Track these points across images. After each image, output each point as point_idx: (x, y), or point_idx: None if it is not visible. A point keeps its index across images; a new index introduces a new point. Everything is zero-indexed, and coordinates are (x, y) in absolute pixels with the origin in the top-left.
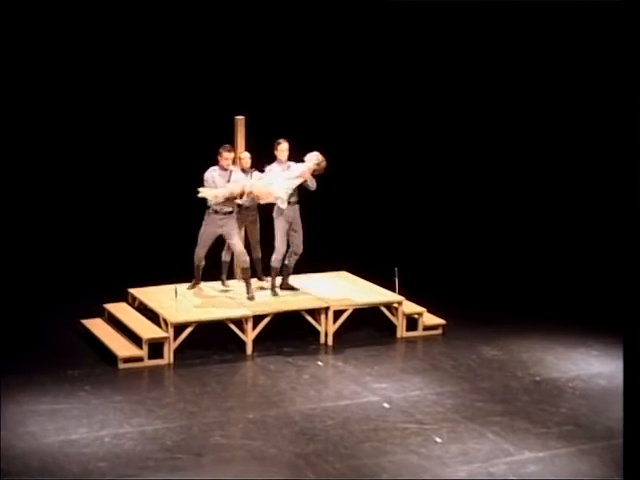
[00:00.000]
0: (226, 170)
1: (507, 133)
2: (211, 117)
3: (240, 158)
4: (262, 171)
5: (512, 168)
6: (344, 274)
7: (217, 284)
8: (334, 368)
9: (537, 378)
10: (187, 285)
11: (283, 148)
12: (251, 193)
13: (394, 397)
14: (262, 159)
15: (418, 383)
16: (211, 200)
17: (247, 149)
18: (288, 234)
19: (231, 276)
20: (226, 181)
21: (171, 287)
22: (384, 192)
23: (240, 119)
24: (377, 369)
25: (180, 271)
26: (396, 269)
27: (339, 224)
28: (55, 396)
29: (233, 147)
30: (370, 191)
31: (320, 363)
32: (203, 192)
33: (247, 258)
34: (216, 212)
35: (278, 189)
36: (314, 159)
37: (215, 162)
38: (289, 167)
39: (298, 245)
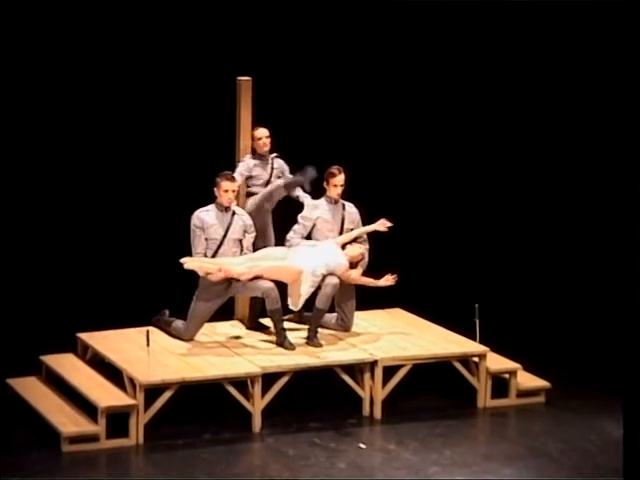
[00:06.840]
0: (227, 210)
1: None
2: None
3: (254, 138)
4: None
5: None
6: (398, 312)
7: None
8: (384, 453)
9: None
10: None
11: (338, 182)
12: (261, 277)
13: None
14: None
15: (511, 476)
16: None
17: (254, 123)
18: None
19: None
20: (224, 228)
21: (141, 330)
22: (451, 205)
23: (245, 81)
24: (449, 455)
25: (151, 307)
26: (476, 306)
27: (391, 244)
28: None
29: (233, 177)
30: (433, 203)
31: (363, 445)
32: (189, 264)
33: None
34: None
35: (305, 274)
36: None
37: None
38: (343, 208)
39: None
